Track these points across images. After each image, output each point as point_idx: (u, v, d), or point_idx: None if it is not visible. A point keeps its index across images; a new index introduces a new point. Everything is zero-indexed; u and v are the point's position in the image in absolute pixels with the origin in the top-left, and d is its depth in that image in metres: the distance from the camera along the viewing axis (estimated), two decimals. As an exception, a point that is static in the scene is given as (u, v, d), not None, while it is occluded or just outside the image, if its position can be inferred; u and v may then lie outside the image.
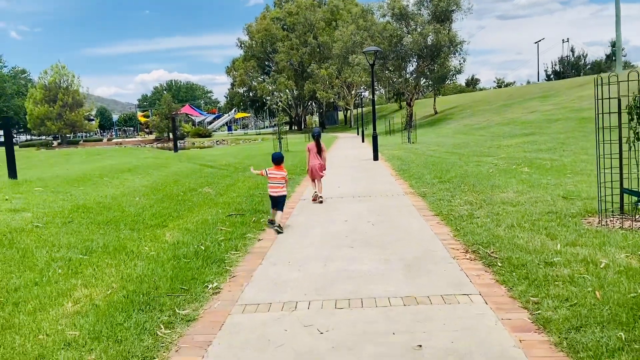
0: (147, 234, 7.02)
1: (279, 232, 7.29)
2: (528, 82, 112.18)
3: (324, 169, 10.38)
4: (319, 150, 10.33)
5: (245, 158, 21.44)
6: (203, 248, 6.17)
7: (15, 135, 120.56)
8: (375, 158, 18.72)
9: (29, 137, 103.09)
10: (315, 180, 10.15)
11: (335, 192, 11.21)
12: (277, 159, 8.41)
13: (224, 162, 17.57)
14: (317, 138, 10.57)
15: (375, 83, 60.78)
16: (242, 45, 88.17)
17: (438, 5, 50.13)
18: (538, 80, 75.33)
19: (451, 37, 49.29)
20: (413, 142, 28.85)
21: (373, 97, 18.88)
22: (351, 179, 13.33)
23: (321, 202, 9.76)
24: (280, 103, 41.66)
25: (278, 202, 7.81)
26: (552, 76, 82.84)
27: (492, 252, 5.71)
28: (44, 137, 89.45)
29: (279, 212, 7.69)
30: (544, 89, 53.24)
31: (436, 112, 62.59)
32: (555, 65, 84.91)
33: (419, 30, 50.66)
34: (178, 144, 77.25)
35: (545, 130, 26.79)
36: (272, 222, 7.75)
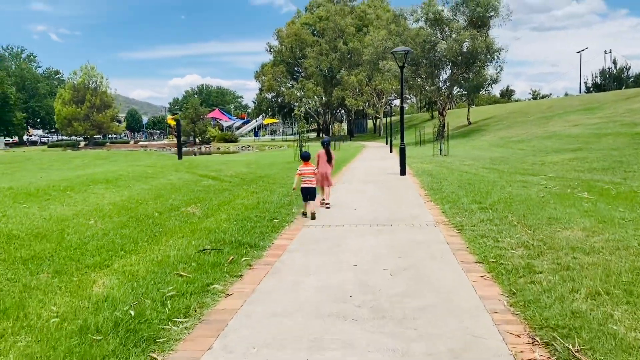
0: (73, 280, 5.05)
1: (313, 218, 8.75)
2: (566, 94, 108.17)
3: (330, 177, 10.67)
4: (329, 159, 10.63)
5: (259, 167, 19.48)
6: (133, 314, 4.14)
7: (47, 135, 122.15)
8: (403, 172, 16.53)
9: (60, 137, 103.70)
10: (324, 187, 10.50)
11: (350, 216, 9.10)
12: (305, 157, 9.77)
13: (230, 172, 15.63)
14: (326, 146, 10.77)
15: (407, 91, 58.49)
16: (272, 50, 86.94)
17: (475, 11, 47.59)
18: (580, 92, 71.71)
19: (488, 43, 46.67)
20: (445, 155, 26.50)
21: (402, 103, 16.74)
22: (372, 199, 11.19)
23: (328, 207, 10.08)
24: (303, 109, 39.79)
25: (310, 194, 9.20)
26: (592, 89, 79.12)
27: (577, 351, 3.53)
28: (74, 138, 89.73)
29: (311, 202, 9.14)
30: (586, 101, 50.09)
31: (470, 123, 59.84)
32: (595, 77, 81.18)
33: (453, 36, 48.20)
34: (202, 148, 76.63)
35: (594, 145, 24.15)
36: (305, 214, 9.09)
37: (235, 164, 20.39)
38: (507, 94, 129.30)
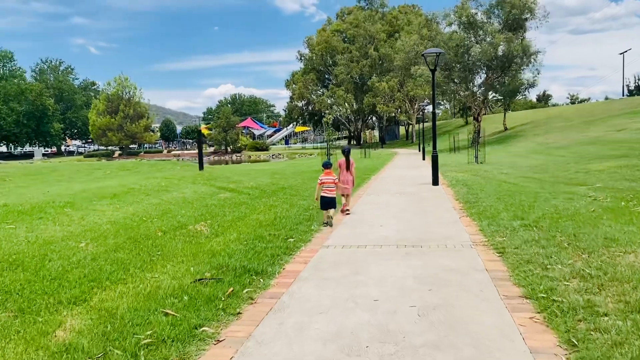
0: (38, 321, 4.27)
1: (329, 225, 8.88)
2: (606, 98, 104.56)
3: (351, 184, 10.78)
4: (348, 165, 10.73)
5: (284, 177, 18.67)
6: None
7: (84, 145, 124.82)
8: (435, 182, 15.45)
9: (96, 147, 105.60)
10: (344, 196, 10.48)
11: (375, 234, 8.14)
12: (326, 165, 9.72)
13: (251, 183, 14.82)
14: (346, 154, 10.89)
15: (440, 96, 57.03)
16: (302, 58, 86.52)
17: (510, 13, 46.07)
18: (623, 95, 68.84)
19: (525, 46, 45.00)
20: (481, 162, 25.22)
21: (434, 108, 15.71)
22: (400, 214, 10.20)
23: (348, 213, 10.22)
24: (331, 117, 39.04)
25: (329, 204, 9.17)
26: (634, 91, 75.96)
27: None
28: (110, 148, 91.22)
29: (331, 210, 9.16)
30: (631, 105, 47.77)
31: (506, 129, 57.96)
32: (638, 79, 77.92)
33: (488, 39, 46.69)
34: (233, 157, 76.56)
35: (643, 151, 22.51)
36: (325, 224, 8.97)
37: (259, 174, 19.64)
38: (544, 99, 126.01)
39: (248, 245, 7.05)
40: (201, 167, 17.25)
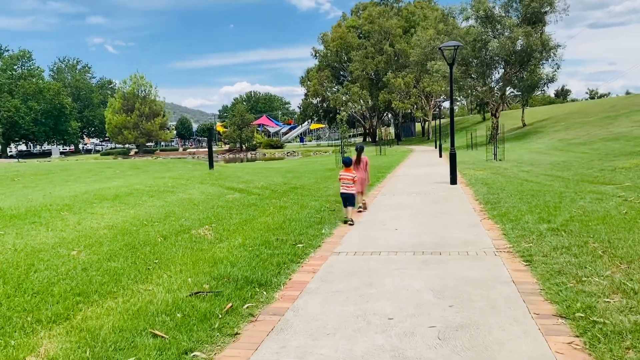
0: (10, 344, 3.81)
1: (350, 224, 8.78)
2: (627, 93, 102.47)
3: (365, 181, 10.80)
4: (358, 161, 10.68)
5: (296, 176, 18.17)
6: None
7: (101, 144, 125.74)
8: (454, 181, 14.83)
9: (113, 145, 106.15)
10: (358, 193, 10.22)
11: (390, 239, 7.60)
12: (346, 162, 9.74)
13: (262, 183, 14.33)
14: (358, 152, 10.93)
15: (457, 92, 56.07)
16: (317, 54, 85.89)
17: (529, 6, 45.00)
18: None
19: (544, 40, 43.93)
20: (500, 160, 24.47)
21: (451, 104, 15.07)
22: (417, 216, 9.63)
23: (360, 211, 10.26)
24: (345, 113, 38.52)
25: (348, 200, 9.15)
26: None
27: None
28: (127, 146, 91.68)
29: (349, 208, 9.10)
30: (655, 99, 46.43)
31: (524, 125, 56.82)
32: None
33: (506, 34, 45.67)
34: (248, 155, 76.30)
35: (671, 147, 21.62)
36: (345, 222, 8.98)
37: (271, 173, 19.16)
38: (562, 94, 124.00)
39: (253, 252, 6.56)
40: (211, 166, 16.80)
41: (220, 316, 4.38)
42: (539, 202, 10.22)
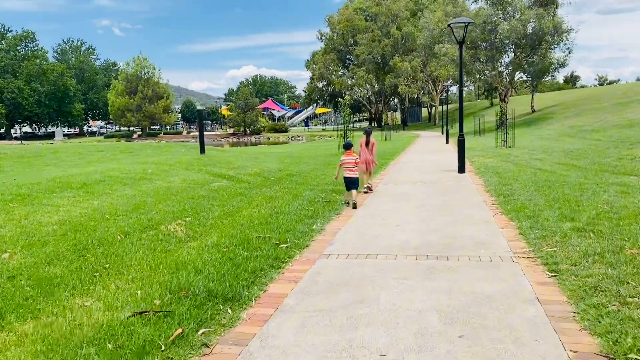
0: None
1: (354, 207, 8.69)
2: (638, 79, 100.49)
3: (372, 163, 11.01)
4: (367, 143, 10.98)
5: (295, 162, 17.14)
6: None
7: (106, 126, 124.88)
8: (462, 169, 13.78)
9: (118, 128, 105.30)
10: (365, 174, 10.71)
11: (389, 238, 6.60)
12: (347, 146, 9.84)
13: (255, 169, 13.31)
14: (367, 135, 11.20)
15: (465, 76, 54.62)
16: (323, 37, 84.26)
17: (542, -14, 43.43)
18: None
19: (556, 23, 42.38)
20: (510, 146, 23.33)
21: (461, 85, 13.94)
22: (421, 209, 8.61)
23: (366, 192, 10.40)
24: (348, 97, 37.30)
25: (352, 183, 9.13)
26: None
27: None
28: (132, 129, 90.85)
29: (353, 191, 9.03)
30: (670, 85, 44.90)
31: (534, 111, 55.36)
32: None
33: (517, 16, 44.12)
34: (252, 139, 75.17)
35: (692, 135, 20.41)
36: (347, 203, 8.97)
37: (269, 158, 18.14)
38: (571, 80, 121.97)
39: (227, 255, 5.57)
40: (202, 151, 15.76)
41: (163, 348, 3.40)
42: (558, 194, 9.17)
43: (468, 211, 8.34)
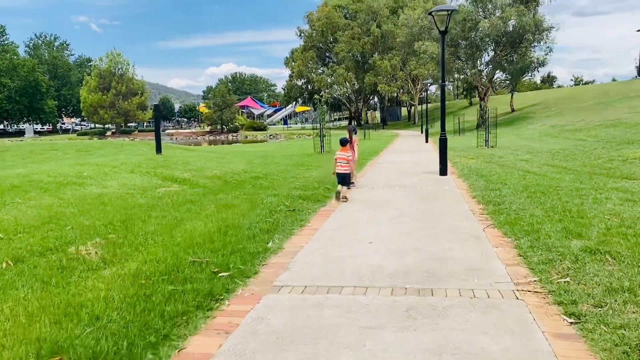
0: None
1: (344, 201, 8.96)
2: (614, 80, 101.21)
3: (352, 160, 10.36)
4: (350, 140, 10.64)
5: (265, 163, 15.78)
6: None
7: (80, 123, 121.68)
8: (444, 172, 12.59)
9: (93, 125, 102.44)
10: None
11: (360, 259, 5.33)
12: (343, 142, 9.90)
13: (216, 171, 11.92)
14: (350, 132, 11.15)
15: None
16: (302, 34, 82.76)
17: (523, -17, 42.65)
18: (638, 75, 65.50)
19: (537, 21, 41.67)
20: (492, 146, 22.30)
21: (443, 78, 12.75)
22: (400, 221, 7.35)
23: (349, 187, 9.93)
24: (324, 95, 35.37)
25: (343, 178, 9.37)
26: (637, 75, 72.67)
27: None
28: (107, 126, 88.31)
29: (344, 187, 9.30)
30: (651, 85, 44.58)
31: (513, 110, 54.88)
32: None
33: (497, 13, 43.31)
34: (229, 137, 73.38)
35: (681, 136, 19.59)
36: (337, 198, 9.07)
37: (236, 158, 16.75)
38: (548, 81, 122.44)
39: (144, 290, 4.22)
40: (158, 150, 14.27)
41: None
42: (555, 203, 8.00)
43: (454, 222, 7.11)
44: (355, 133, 11.72)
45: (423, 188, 10.56)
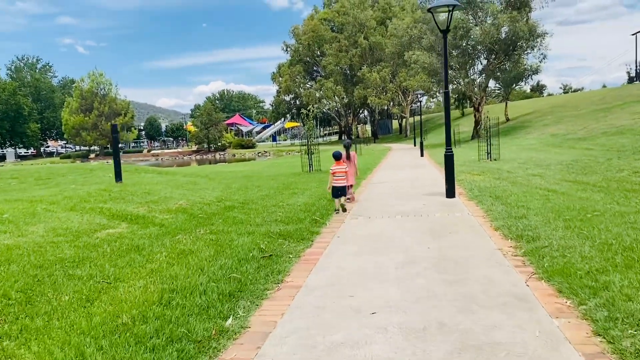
0: None
1: (343, 211, 9.43)
2: (604, 86, 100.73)
3: (353, 175, 11.02)
4: (347, 156, 10.97)
5: (244, 187, 13.90)
6: None
7: (65, 146, 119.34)
8: (451, 193, 10.80)
9: (78, 148, 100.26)
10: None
11: (361, 351, 3.49)
12: (336, 156, 9.98)
13: (181, 202, 10.02)
14: (347, 148, 11.25)
15: (437, 85, 52.31)
16: (288, 49, 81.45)
17: (513, -11, 41.45)
18: (636, 80, 64.49)
19: (531, 26, 40.36)
20: (495, 159, 20.61)
21: (446, 84, 10.98)
22: (409, 271, 5.52)
23: (348, 200, 10.60)
24: (311, 109, 33.81)
25: (340, 191, 9.57)
26: (635, 79, 71.87)
27: None
28: (93, 148, 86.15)
29: (342, 197, 9.60)
30: (650, 90, 43.25)
31: (508, 119, 53.47)
32: (637, 67, 74.35)
33: (489, 20, 42.02)
34: (216, 156, 71.36)
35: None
36: (337, 211, 9.45)
37: (212, 183, 14.85)
38: (538, 89, 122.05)
39: None
40: (118, 178, 12.32)
41: None
42: (605, 235, 6.22)
43: (483, 272, 5.29)
44: (351, 147, 11.70)
45: (430, 216, 8.74)
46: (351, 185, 10.99)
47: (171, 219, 8.38)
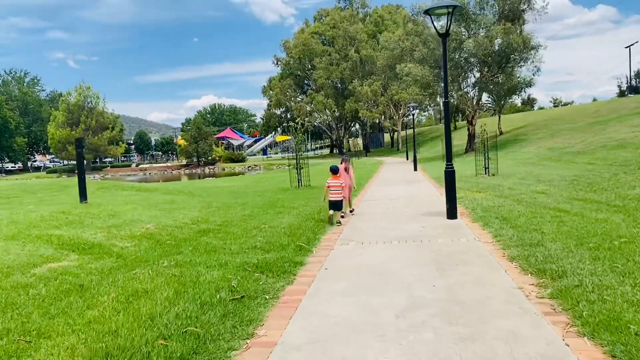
0: None
1: (338, 225, 9.42)
2: (594, 100, 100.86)
3: (350, 188, 11.31)
4: (346, 170, 11.29)
5: (225, 207, 12.76)
6: None
7: (53, 161, 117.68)
8: (452, 214, 9.73)
9: (67, 162, 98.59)
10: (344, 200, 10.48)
11: None
12: (333, 170, 10.26)
13: (149, 225, 8.88)
14: (345, 162, 11.57)
15: (428, 99, 51.55)
16: (279, 62, 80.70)
17: (506, 2, 40.90)
18: (628, 92, 64.18)
19: (525, 38, 39.74)
20: (493, 174, 19.63)
21: (446, 94, 9.93)
22: (412, 323, 4.43)
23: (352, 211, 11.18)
24: (300, 122, 32.42)
25: (336, 205, 9.71)
26: (626, 92, 71.87)
27: None
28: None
29: (338, 212, 9.74)
30: (645, 102, 42.66)
31: (501, 133, 52.69)
32: (630, 80, 74.55)
33: (482, 33, 41.42)
34: (206, 170, 70.09)
35: None
36: (331, 223, 9.50)
37: (192, 201, 13.71)
38: (529, 102, 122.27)
39: None
40: (82, 198, 11.17)
41: None
42: (634, 264, 5.17)
43: (504, 323, 4.19)
44: (349, 162, 11.91)
45: (432, 242, 7.65)
46: (349, 199, 11.21)
47: (132, 247, 7.23)
